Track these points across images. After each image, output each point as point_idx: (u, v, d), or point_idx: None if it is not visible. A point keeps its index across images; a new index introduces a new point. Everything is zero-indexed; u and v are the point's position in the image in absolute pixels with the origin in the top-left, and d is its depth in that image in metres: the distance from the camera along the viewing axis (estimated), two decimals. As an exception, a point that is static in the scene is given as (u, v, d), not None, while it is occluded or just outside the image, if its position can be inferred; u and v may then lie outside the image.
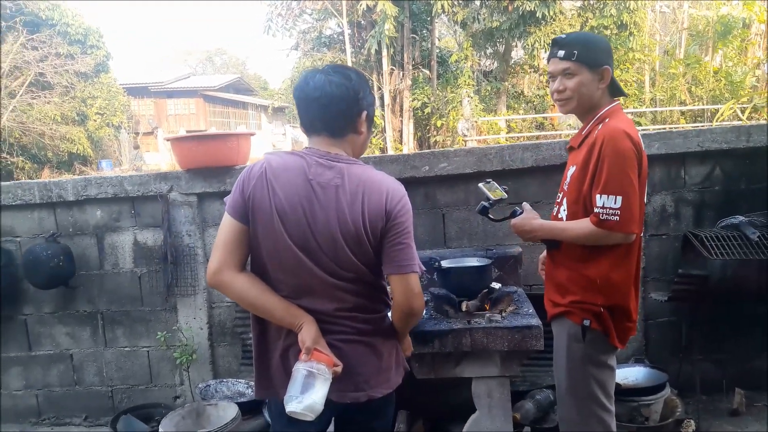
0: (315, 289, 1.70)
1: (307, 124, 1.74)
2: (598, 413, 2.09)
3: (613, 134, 1.93)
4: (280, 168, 1.67)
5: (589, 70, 2.02)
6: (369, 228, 1.66)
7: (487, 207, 2.27)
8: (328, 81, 1.68)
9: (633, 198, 1.91)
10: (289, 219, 1.65)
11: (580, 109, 2.09)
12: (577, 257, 2.07)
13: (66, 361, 3.85)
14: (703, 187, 3.42)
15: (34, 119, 17.58)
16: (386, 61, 14.89)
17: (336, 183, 1.67)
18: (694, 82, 12.54)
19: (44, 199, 3.68)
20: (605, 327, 2.04)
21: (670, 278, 3.30)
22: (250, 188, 1.66)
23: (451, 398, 3.07)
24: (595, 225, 1.94)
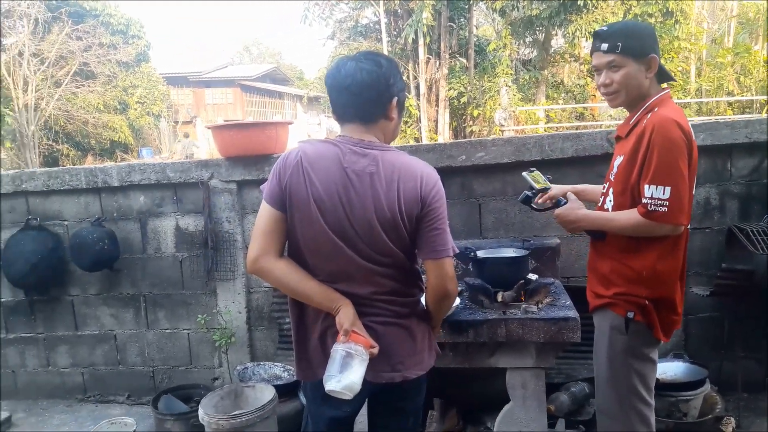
0: (352, 274, 1.74)
1: (340, 111, 1.77)
2: (637, 406, 2.07)
3: (663, 123, 1.89)
4: (316, 156, 1.70)
5: (635, 60, 1.97)
6: (405, 214, 1.69)
7: (530, 196, 2.25)
8: (359, 68, 1.70)
9: (683, 189, 1.87)
10: (327, 207, 1.67)
11: (629, 100, 2.04)
12: (623, 248, 2.03)
13: (110, 341, 3.99)
14: (751, 180, 3.31)
15: (78, 108, 18.11)
16: (422, 50, 14.79)
17: (371, 170, 1.68)
18: (743, 72, 12.10)
19: (90, 185, 3.80)
20: (649, 320, 2.01)
21: (713, 273, 3.21)
22: (287, 177, 1.69)
23: (484, 389, 3.07)
24: (643, 216, 1.90)
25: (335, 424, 1.86)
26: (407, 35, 14.34)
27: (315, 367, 1.80)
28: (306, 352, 1.83)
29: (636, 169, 1.94)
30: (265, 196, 1.72)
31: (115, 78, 19.96)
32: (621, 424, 2.10)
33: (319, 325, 1.79)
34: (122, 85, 20.32)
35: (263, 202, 1.73)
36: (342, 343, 1.67)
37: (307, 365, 1.83)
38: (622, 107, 2.10)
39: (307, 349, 1.83)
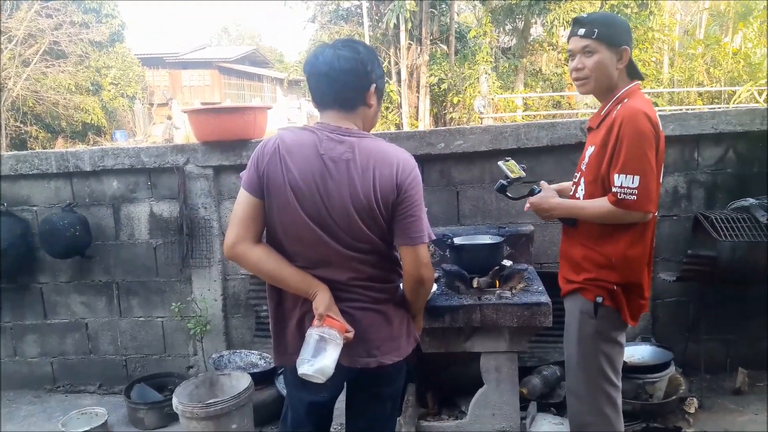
0: (331, 260, 1.76)
1: (318, 99, 1.78)
2: (605, 388, 2.14)
3: (632, 114, 1.94)
4: (294, 144, 1.71)
5: (608, 48, 2.02)
6: (381, 201, 1.70)
7: (505, 185, 2.28)
8: (336, 56, 1.71)
9: (651, 178, 1.93)
10: (304, 194, 1.69)
11: (598, 88, 2.10)
12: (594, 235, 2.10)
13: (81, 329, 3.94)
14: (716, 169, 3.40)
15: (48, 88, 17.59)
16: (404, 35, 14.72)
17: (347, 157, 1.69)
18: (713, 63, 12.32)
19: (61, 169, 3.72)
20: (618, 304, 2.08)
21: (680, 259, 3.31)
22: (264, 164, 1.71)
23: (459, 372, 3.12)
24: (613, 204, 1.96)
25: (314, 409, 1.88)
26: (389, 20, 14.25)
27: (292, 352, 1.81)
28: (284, 338, 1.85)
29: (606, 158, 2.00)
30: (243, 182, 1.74)
31: (87, 58, 19.43)
32: (589, 405, 2.17)
33: (298, 310, 1.81)
34: (95, 65, 19.80)
35: (241, 189, 1.75)
36: (316, 327, 1.69)
37: (284, 350, 1.85)
38: (591, 94, 2.15)
39: (285, 335, 1.85)
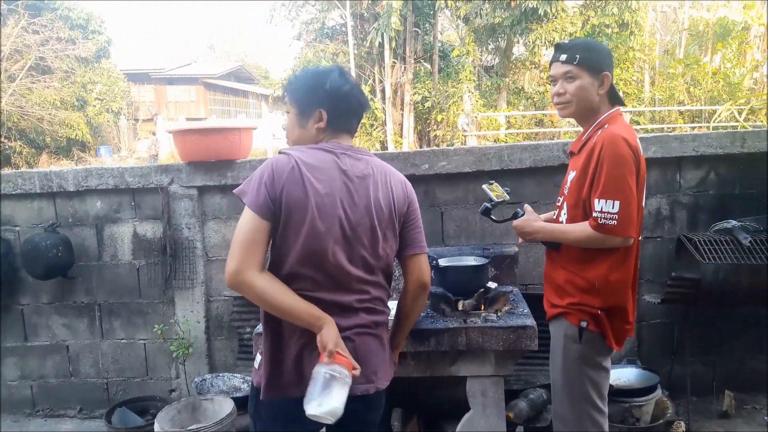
0: (342, 281, 1.73)
1: (337, 122, 1.79)
2: (591, 413, 2.13)
3: (612, 139, 1.96)
4: (315, 162, 1.69)
5: (590, 74, 2.05)
6: (397, 213, 1.81)
7: (489, 208, 2.30)
8: (357, 87, 1.82)
9: (631, 202, 1.94)
10: (328, 213, 1.67)
11: (579, 113, 2.12)
12: (576, 259, 2.10)
13: (62, 352, 3.87)
14: (698, 191, 3.45)
15: (33, 104, 17.48)
16: (388, 54, 14.84)
17: (368, 173, 1.76)
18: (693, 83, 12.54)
19: (44, 189, 3.68)
20: (602, 329, 2.07)
21: (664, 281, 3.33)
22: (282, 184, 1.64)
23: (445, 396, 3.10)
24: (594, 229, 1.97)
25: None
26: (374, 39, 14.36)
27: (285, 386, 1.72)
28: (279, 371, 1.75)
29: (587, 183, 2.01)
30: (252, 204, 1.64)
31: (73, 74, 19.33)
32: (574, 430, 2.16)
33: (295, 342, 1.73)
34: (81, 81, 19.69)
35: (247, 211, 1.65)
36: (326, 364, 1.60)
37: (277, 384, 1.74)
38: (572, 118, 2.18)
39: (282, 368, 1.74)
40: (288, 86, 1.85)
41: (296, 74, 1.88)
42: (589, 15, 13.56)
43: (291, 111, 1.82)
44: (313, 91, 1.77)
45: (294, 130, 1.82)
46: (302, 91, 1.80)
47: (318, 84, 1.77)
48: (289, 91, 1.83)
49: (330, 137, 1.79)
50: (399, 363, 2.72)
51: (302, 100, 1.79)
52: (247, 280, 1.62)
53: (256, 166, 3.50)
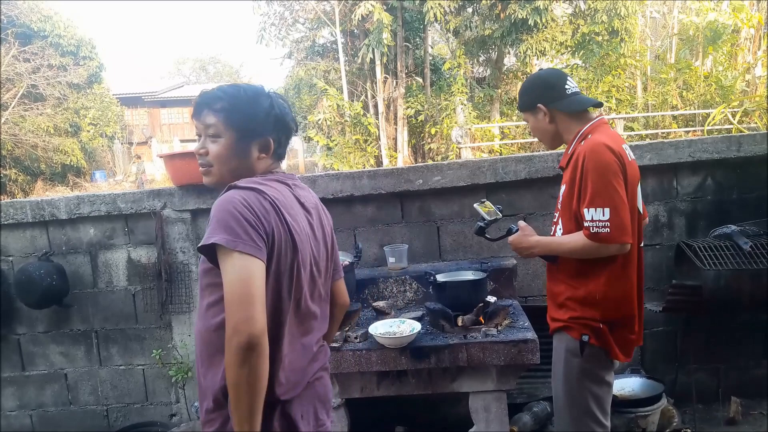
0: (311, 321, 1.60)
1: (280, 150, 1.62)
2: (593, 428, 2.10)
3: (594, 148, 1.97)
4: (281, 198, 1.50)
5: (531, 113, 2.18)
6: (335, 239, 1.76)
7: (483, 227, 2.30)
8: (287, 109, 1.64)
9: (621, 208, 1.93)
10: (304, 249, 1.52)
11: (548, 144, 2.24)
12: (575, 273, 2.08)
13: (60, 380, 3.82)
14: (696, 197, 3.43)
15: (27, 131, 17.49)
16: (380, 69, 14.91)
17: (315, 201, 1.69)
18: (685, 87, 12.61)
19: (37, 218, 3.66)
20: (604, 342, 2.04)
21: (665, 288, 3.31)
22: (270, 224, 1.42)
23: (449, 413, 3.06)
24: (588, 238, 1.95)
25: None
26: (365, 55, 14.43)
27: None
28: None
29: (575, 195, 2.01)
30: (249, 248, 1.35)
31: (65, 100, 19.38)
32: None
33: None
34: (74, 106, 19.74)
35: (249, 258, 1.35)
36: None
37: None
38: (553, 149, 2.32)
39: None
40: (217, 106, 1.53)
41: (224, 91, 1.55)
42: (578, 23, 13.66)
43: (225, 136, 1.52)
44: (257, 116, 1.54)
45: (230, 160, 1.53)
46: (244, 115, 1.53)
47: (264, 108, 1.55)
48: (219, 111, 1.52)
49: (271, 167, 1.60)
50: (400, 381, 2.71)
51: (245, 126, 1.53)
52: (265, 343, 1.35)
53: (249, 186, 3.49)
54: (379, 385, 2.75)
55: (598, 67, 13.26)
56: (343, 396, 2.77)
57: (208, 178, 1.57)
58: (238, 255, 1.34)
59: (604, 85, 12.89)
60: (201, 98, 1.56)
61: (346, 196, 3.45)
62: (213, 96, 1.55)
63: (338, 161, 14.04)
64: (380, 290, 3.27)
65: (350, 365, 2.65)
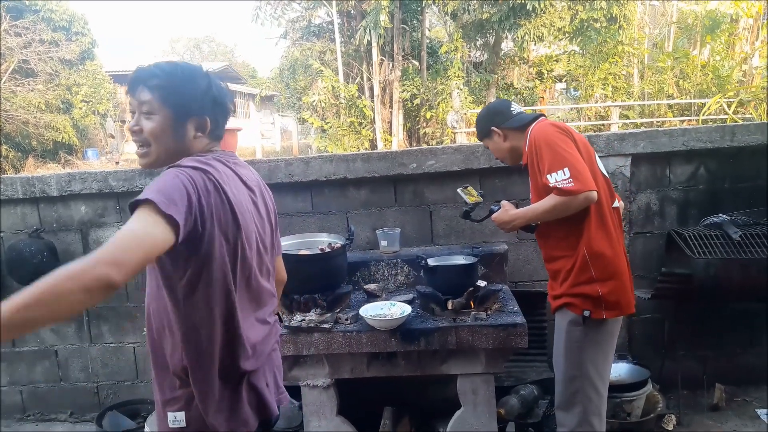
0: (263, 296, 1.64)
1: (217, 129, 1.59)
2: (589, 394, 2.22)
3: (539, 129, 2.21)
4: (224, 177, 1.48)
5: (488, 138, 2.43)
6: (277, 216, 1.77)
7: (468, 211, 2.51)
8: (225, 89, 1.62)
9: (577, 164, 2.08)
10: (249, 227, 1.53)
11: (510, 160, 2.44)
12: (566, 246, 2.23)
13: (51, 357, 3.83)
14: (688, 186, 3.45)
15: (18, 107, 17.29)
16: (376, 51, 14.78)
17: (256, 179, 1.69)
18: (682, 76, 12.59)
19: (27, 195, 3.63)
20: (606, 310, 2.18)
21: (654, 276, 3.33)
22: (211, 203, 1.40)
23: (436, 394, 3.09)
24: (557, 195, 2.10)
25: None
26: (362, 37, 14.30)
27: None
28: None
29: (537, 173, 2.20)
30: (166, 207, 1.28)
31: (57, 76, 19.13)
32: (576, 416, 2.23)
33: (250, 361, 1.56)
34: (65, 83, 19.49)
35: (168, 228, 1.28)
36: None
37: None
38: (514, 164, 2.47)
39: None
40: (152, 83, 1.48)
41: (160, 68, 1.51)
42: (577, 9, 13.55)
43: (161, 114, 1.48)
44: (193, 95, 1.51)
45: (165, 138, 1.50)
46: (180, 93, 1.50)
47: (201, 87, 1.53)
48: (154, 88, 1.48)
49: (209, 146, 1.58)
50: (390, 363, 2.74)
51: (180, 104, 1.49)
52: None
53: (242, 167, 3.47)
54: (369, 367, 2.77)
55: (595, 54, 13.22)
56: (333, 377, 2.79)
57: (144, 160, 1.53)
58: (153, 210, 1.27)
59: (601, 72, 12.87)
60: (136, 74, 1.50)
61: (340, 178, 3.44)
62: (149, 72, 1.50)
63: (332, 143, 13.98)
64: (372, 273, 3.28)
65: (341, 346, 2.67)
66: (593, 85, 13.26)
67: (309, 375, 2.80)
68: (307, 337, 2.67)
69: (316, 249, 2.99)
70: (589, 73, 13.08)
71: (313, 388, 2.81)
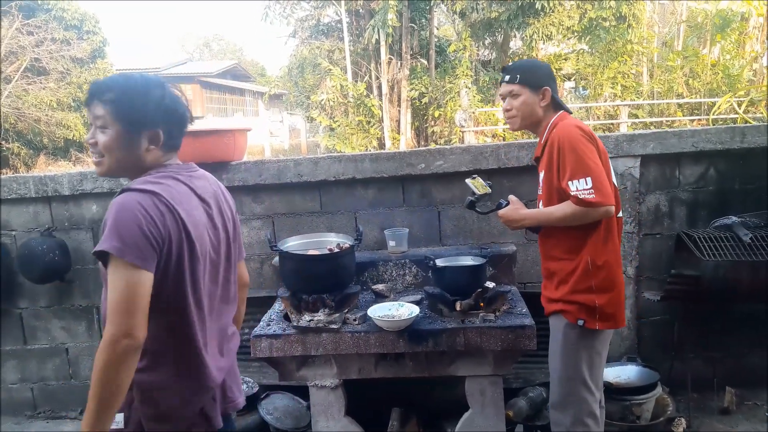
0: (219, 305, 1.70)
1: (174, 139, 1.62)
2: (583, 395, 2.24)
3: (565, 129, 2.15)
4: (177, 196, 1.52)
5: (531, 90, 2.26)
6: (235, 224, 1.77)
7: (473, 201, 2.45)
8: (180, 99, 1.62)
9: (600, 175, 2.07)
10: (204, 241, 1.57)
11: (525, 124, 2.32)
12: (568, 248, 2.22)
13: (61, 354, 3.86)
14: (697, 187, 3.43)
15: (30, 105, 17.42)
16: (384, 50, 14.78)
17: (214, 189, 1.69)
18: (692, 75, 12.49)
19: (40, 193, 3.67)
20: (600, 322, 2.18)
21: (663, 277, 3.32)
22: (166, 228, 1.46)
23: (444, 396, 3.10)
24: (576, 204, 2.08)
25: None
26: (370, 36, 14.29)
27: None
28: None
29: (555, 174, 2.16)
30: (136, 258, 1.39)
31: (69, 74, 19.27)
32: (571, 416, 2.25)
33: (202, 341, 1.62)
34: (76, 81, 19.62)
35: (137, 269, 1.39)
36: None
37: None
38: (521, 129, 2.37)
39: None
40: (105, 97, 1.52)
41: (114, 81, 1.55)
42: (586, 8, 13.48)
43: (113, 128, 1.52)
44: (145, 108, 1.53)
45: (117, 151, 1.53)
46: (132, 107, 1.52)
47: (154, 99, 1.54)
48: (107, 103, 1.51)
49: (162, 158, 1.60)
50: (398, 363, 2.74)
51: (132, 119, 1.52)
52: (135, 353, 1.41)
53: (250, 168, 3.49)
54: (376, 367, 2.78)
55: (604, 52, 13.13)
56: (341, 377, 2.80)
57: (99, 168, 1.58)
58: (124, 264, 1.38)
59: (610, 71, 12.78)
60: (91, 88, 1.55)
61: (348, 178, 3.45)
62: (103, 86, 1.54)
63: (340, 142, 13.98)
64: (380, 273, 3.28)
65: (348, 347, 2.68)
66: (602, 84, 13.18)
67: (317, 375, 2.81)
68: (315, 337, 2.68)
69: (325, 249, 3.00)
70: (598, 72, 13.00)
71: (321, 389, 2.82)
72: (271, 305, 3.14)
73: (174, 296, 1.52)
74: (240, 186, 3.49)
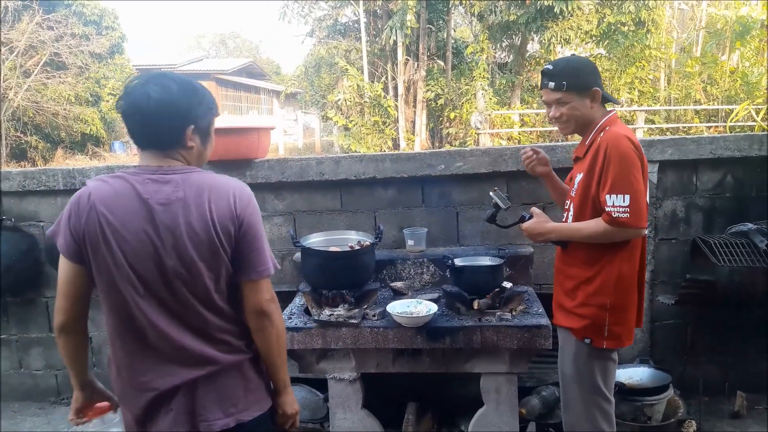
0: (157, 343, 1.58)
1: (136, 139, 1.61)
2: (600, 403, 2.23)
3: (616, 138, 2.07)
4: (110, 196, 1.52)
5: (579, 95, 2.15)
6: (222, 236, 1.55)
7: (494, 214, 2.43)
8: (145, 95, 1.53)
9: (640, 196, 2.03)
10: (134, 252, 1.51)
11: (580, 129, 2.24)
12: (588, 258, 2.18)
13: (86, 343, 3.96)
14: (714, 194, 3.46)
15: (48, 99, 17.66)
16: (401, 51, 14.86)
17: (177, 197, 1.53)
18: (710, 82, 12.44)
19: (67, 186, 3.76)
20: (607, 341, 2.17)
21: (678, 282, 3.36)
22: (82, 226, 1.51)
23: (459, 392, 3.15)
24: (608, 223, 2.05)
25: None
26: (388, 37, 14.37)
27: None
28: None
29: (594, 182, 2.10)
30: (60, 246, 1.56)
31: (87, 69, 19.52)
32: (585, 421, 2.25)
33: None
34: (95, 76, 19.90)
35: (62, 256, 1.56)
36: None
37: None
38: (575, 134, 2.30)
39: None
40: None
41: None
42: (605, 13, 13.48)
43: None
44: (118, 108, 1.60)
45: None
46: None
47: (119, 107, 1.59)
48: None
49: (141, 159, 1.61)
50: (415, 359, 2.80)
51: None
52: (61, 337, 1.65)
53: (273, 165, 3.57)
54: (394, 362, 2.84)
55: (622, 57, 13.12)
56: (359, 371, 2.86)
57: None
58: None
59: (628, 76, 12.77)
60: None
61: (369, 178, 3.52)
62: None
63: (355, 142, 14.07)
64: (398, 271, 3.35)
65: (367, 342, 2.74)
66: (619, 89, 13.16)
67: (336, 368, 2.88)
68: (335, 331, 2.75)
69: (346, 246, 3.07)
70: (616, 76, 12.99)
71: (339, 381, 2.89)
72: (291, 300, 3.21)
73: (100, 294, 1.59)
74: (263, 183, 3.57)
